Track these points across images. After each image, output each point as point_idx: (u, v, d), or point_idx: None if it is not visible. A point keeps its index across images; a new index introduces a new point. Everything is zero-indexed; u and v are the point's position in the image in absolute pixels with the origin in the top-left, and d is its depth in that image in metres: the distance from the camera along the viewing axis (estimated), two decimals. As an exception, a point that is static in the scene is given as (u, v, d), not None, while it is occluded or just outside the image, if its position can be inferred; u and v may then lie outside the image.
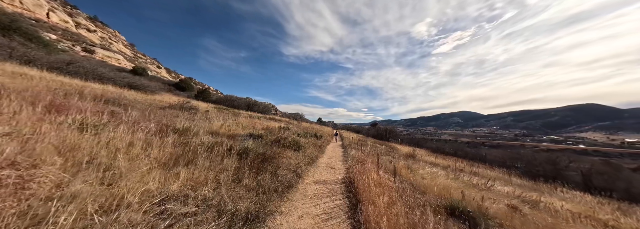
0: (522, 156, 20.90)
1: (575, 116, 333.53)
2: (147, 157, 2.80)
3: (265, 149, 5.14)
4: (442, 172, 9.04)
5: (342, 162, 8.05)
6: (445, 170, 10.19)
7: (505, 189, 8.15)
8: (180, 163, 3.08)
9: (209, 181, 2.85)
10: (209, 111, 12.64)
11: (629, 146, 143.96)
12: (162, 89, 21.56)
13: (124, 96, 8.95)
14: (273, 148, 5.84)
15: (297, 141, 8.06)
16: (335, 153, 10.53)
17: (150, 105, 9.18)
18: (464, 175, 9.30)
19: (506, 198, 6.00)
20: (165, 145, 3.32)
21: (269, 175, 3.92)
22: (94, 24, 40.60)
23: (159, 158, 2.99)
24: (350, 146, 13.73)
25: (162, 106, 9.20)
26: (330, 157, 9.12)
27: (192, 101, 19.70)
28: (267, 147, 5.57)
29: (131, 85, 16.20)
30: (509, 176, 14.61)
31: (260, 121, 15.73)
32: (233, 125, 9.49)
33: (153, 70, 44.91)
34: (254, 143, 5.55)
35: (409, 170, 7.75)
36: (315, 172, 5.90)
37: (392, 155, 13.72)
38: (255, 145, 5.22)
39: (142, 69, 32.74)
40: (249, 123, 11.88)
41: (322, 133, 18.57)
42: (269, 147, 5.75)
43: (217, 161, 3.55)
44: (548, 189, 11.45)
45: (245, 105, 30.94)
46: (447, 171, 10.14)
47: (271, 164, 4.45)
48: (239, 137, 6.48)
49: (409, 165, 9.07)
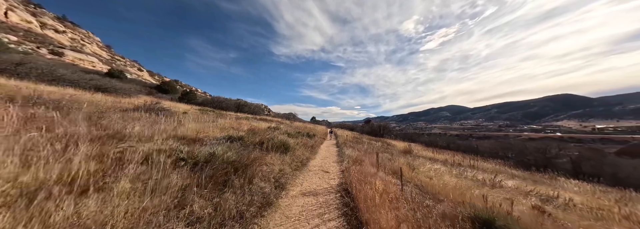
0: (512, 146, 20.97)
1: (552, 106, 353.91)
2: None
3: (239, 155, 4.04)
4: (444, 168, 8.29)
5: (337, 163, 7.08)
6: (445, 166, 9.49)
7: (510, 183, 7.53)
8: (90, 188, 1.95)
9: (120, 217, 1.74)
10: (187, 113, 11.24)
11: (599, 132, 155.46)
12: (140, 92, 19.64)
13: (76, 99, 7.47)
14: (252, 152, 4.74)
15: (285, 142, 6.99)
16: (330, 153, 9.55)
17: (111, 107, 7.76)
18: (465, 171, 8.62)
19: (522, 195, 5.28)
20: (68, 159, 2.17)
21: (236, 192, 2.85)
22: (63, 24, 37.11)
23: (46, 180, 1.84)
24: (345, 144, 12.81)
25: (125, 108, 7.79)
26: (323, 158, 8.12)
27: (172, 103, 18.01)
28: (244, 152, 4.46)
29: (99, 88, 14.44)
30: (504, 167, 14.30)
31: (248, 122, 14.50)
32: (212, 127, 8.26)
33: (133, 72, 41.92)
34: (228, 147, 4.44)
35: (410, 168, 6.90)
36: (304, 179, 4.86)
37: (389, 151, 12.94)
38: (228, 150, 4.10)
39: (119, 72, 30.37)
40: (233, 125, 10.65)
41: (315, 132, 17.54)
42: (247, 152, 4.64)
43: (157, 178, 2.44)
44: (548, 179, 11.11)
45: (234, 107, 29.32)
46: (447, 166, 9.45)
47: (244, 175, 3.37)
48: (213, 141, 5.32)
49: (409, 162, 8.25)
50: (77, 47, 35.40)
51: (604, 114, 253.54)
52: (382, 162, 7.25)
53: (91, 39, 40.56)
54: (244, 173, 3.43)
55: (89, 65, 32.56)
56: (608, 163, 17.04)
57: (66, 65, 25.63)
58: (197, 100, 27.39)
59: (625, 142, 73.14)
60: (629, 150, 22.56)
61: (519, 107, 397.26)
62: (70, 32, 37.40)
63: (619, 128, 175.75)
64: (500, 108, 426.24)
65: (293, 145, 7.60)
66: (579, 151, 18.90)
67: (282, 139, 7.14)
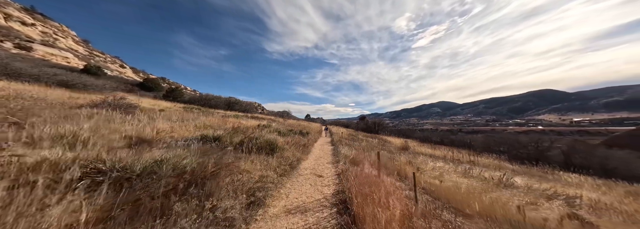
0: (505, 140, 20.91)
1: (534, 101, 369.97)
2: None
3: (202, 162, 2.98)
4: (447, 166, 7.56)
5: (332, 164, 6.15)
6: (447, 163, 8.80)
7: (519, 181, 6.91)
8: None
9: None
10: (164, 110, 9.91)
11: (576, 125, 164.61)
12: (116, 89, 17.81)
13: (17, 94, 6.08)
14: (224, 156, 3.68)
15: (272, 141, 5.96)
16: (324, 152, 8.61)
17: (64, 103, 6.42)
18: (471, 168, 7.94)
19: (544, 198, 4.58)
20: None
21: (178, 223, 1.82)
22: (32, 16, 33.63)
23: None
24: (341, 142, 11.92)
25: (80, 105, 6.46)
26: (317, 158, 7.17)
27: (154, 100, 16.39)
28: (212, 157, 3.39)
29: (65, 84, 12.78)
30: (501, 162, 13.96)
31: (236, 120, 13.31)
32: (189, 125, 7.08)
33: (114, 69, 39.02)
34: (191, 151, 3.37)
35: (414, 168, 6.08)
36: (292, 187, 3.88)
37: (386, 148, 12.19)
38: (187, 155, 3.03)
39: (96, 68, 27.98)
40: (216, 123, 9.47)
41: (309, 130, 16.55)
42: (218, 156, 3.58)
43: (42, 205, 1.38)
44: (548, 173, 10.73)
45: (225, 105, 27.76)
46: (449, 163, 8.77)
47: (199, 192, 2.34)
48: (180, 142, 4.22)
49: (410, 160, 7.46)
50: (49, 41, 32.28)
51: (580, 108, 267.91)
52: (383, 162, 6.40)
53: (66, 33, 37.06)
54: (202, 189, 2.40)
55: (62, 60, 29.76)
56: (598, 155, 17.18)
57: (34, 60, 23.15)
58: (183, 97, 25.61)
59: (598, 134, 77.18)
60: (612, 142, 23.16)
61: (505, 102, 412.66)
62: (41, 25, 34.01)
63: (593, 121, 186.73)
64: (487, 104, 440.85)
65: (282, 144, 6.59)
66: (567, 144, 19.02)
67: (269, 138, 6.10)
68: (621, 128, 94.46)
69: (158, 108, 10.57)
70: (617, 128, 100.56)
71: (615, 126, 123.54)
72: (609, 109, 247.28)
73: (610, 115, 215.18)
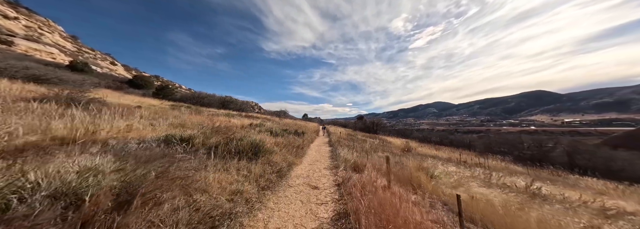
0: (508, 141, 20.16)
1: (527, 102, 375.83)
2: None
3: (136, 176, 1.91)
4: (460, 171, 6.61)
5: (331, 170, 5.13)
6: (458, 167, 7.87)
7: (543, 188, 6.01)
8: None
9: None
10: (141, 107, 8.73)
11: (567, 125, 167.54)
12: (98, 85, 16.42)
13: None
14: (173, 166, 2.61)
15: (258, 143, 4.91)
16: (321, 155, 7.58)
17: (8, 96, 5.26)
18: (483, 172, 7.02)
19: (599, 218, 3.66)
20: None
21: None
22: (15, 9, 31.73)
23: None
24: (339, 142, 10.89)
25: (28, 98, 5.30)
26: (313, 162, 6.14)
27: (139, 98, 15.06)
28: (150, 167, 2.31)
29: (37, 78, 11.50)
30: (508, 164, 13.16)
31: (227, 119, 12.20)
32: (161, 124, 5.98)
33: (105, 66, 37.29)
34: (130, 158, 2.31)
35: (426, 174, 5.10)
36: (275, 209, 2.82)
37: (388, 149, 11.23)
38: (109, 165, 1.96)
39: (83, 64, 26.47)
40: (202, 122, 8.36)
41: (305, 130, 15.50)
42: (167, 165, 2.51)
43: None
44: (563, 177, 9.93)
45: (219, 103, 26.50)
46: (460, 167, 7.84)
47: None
48: (130, 145, 3.15)
49: (420, 164, 6.48)
50: (33, 36, 30.50)
51: (571, 109, 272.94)
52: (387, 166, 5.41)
53: (52, 28, 35.13)
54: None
55: (47, 56, 28.07)
56: (601, 156, 16.57)
57: (16, 55, 21.60)
58: (174, 95, 24.26)
59: (588, 134, 78.02)
60: (612, 142, 22.73)
61: (498, 103, 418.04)
62: (25, 19, 32.13)
63: (583, 122, 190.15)
64: (482, 104, 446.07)
65: (270, 146, 5.53)
66: (568, 144, 18.39)
67: (255, 139, 5.03)
68: (611, 128, 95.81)
69: (138, 105, 9.37)
70: (606, 128, 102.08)
71: (604, 126, 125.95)
72: (598, 110, 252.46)
73: (599, 115, 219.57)
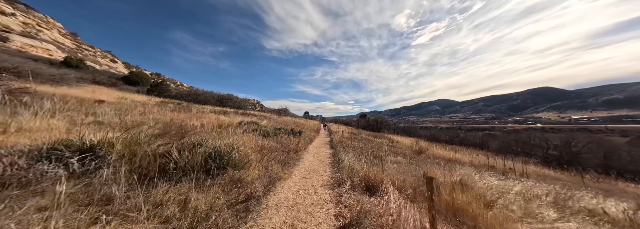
0: (529, 139, 17.90)
1: (533, 99, 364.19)
2: None
3: None
4: (510, 187, 4.81)
5: (331, 190, 3.44)
6: (496, 176, 6.05)
7: (612, 206, 4.20)
8: None
9: None
10: (103, 101, 7.18)
11: (575, 122, 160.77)
12: (83, 80, 15.06)
13: None
14: None
15: (225, 150, 3.25)
16: (319, 161, 5.90)
17: None
18: (553, 189, 5.20)
19: None
20: None
21: None
22: (12, 6, 30.68)
23: None
24: (342, 144, 9.16)
25: None
26: (306, 174, 4.46)
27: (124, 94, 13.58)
28: None
29: (5, 70, 10.18)
30: (539, 168, 11.22)
31: (217, 116, 10.66)
32: (80, 122, 4.40)
33: (104, 63, 36.29)
34: None
35: (474, 197, 3.33)
36: None
37: (398, 151, 9.45)
38: None
39: (78, 61, 25.46)
40: (178, 119, 6.79)
41: (304, 129, 13.81)
42: None
43: None
44: (608, 183, 8.01)
45: (216, 100, 25.13)
46: (499, 176, 6.03)
47: None
48: None
49: (454, 178, 4.71)
50: (31, 33, 29.49)
51: (579, 106, 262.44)
52: (415, 183, 3.68)
53: (51, 25, 34.11)
54: None
55: (43, 52, 27.04)
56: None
57: (10, 51, 20.55)
58: (169, 92, 22.90)
59: (599, 131, 73.36)
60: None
61: (503, 100, 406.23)
62: (23, 15, 31.10)
63: (592, 119, 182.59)
64: (486, 102, 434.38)
65: (248, 153, 3.85)
66: (595, 143, 16.11)
67: (222, 144, 3.35)
68: (622, 125, 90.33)
69: (100, 100, 7.80)
70: (617, 125, 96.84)
71: (614, 123, 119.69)
72: (608, 107, 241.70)
73: (609, 112, 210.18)
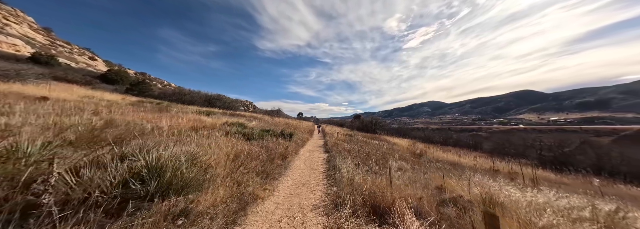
0: (521, 140, 17.83)
1: (515, 101, 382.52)
2: None
3: None
4: (534, 199, 3.99)
5: (325, 217, 2.45)
6: (513, 184, 5.28)
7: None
8: None
9: None
10: (47, 98, 5.82)
11: (553, 123, 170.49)
12: (44, 76, 13.19)
13: None
14: None
15: (169, 164, 2.18)
16: (312, 169, 4.88)
17: None
18: (566, 197, 4.43)
19: None
20: None
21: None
22: (-27, -4, 27.65)
23: None
24: (337, 147, 8.18)
25: None
26: (293, 190, 3.42)
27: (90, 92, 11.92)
28: None
29: None
30: (540, 170, 10.77)
31: (198, 117, 9.38)
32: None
33: (82, 61, 33.49)
34: None
35: (514, 224, 2.43)
36: None
37: (400, 155, 8.60)
38: None
39: (49, 57, 23.18)
40: (146, 119, 5.56)
41: (296, 130, 12.72)
42: None
43: None
44: (610, 186, 7.53)
45: (203, 101, 23.49)
46: (515, 184, 5.26)
47: None
48: None
49: (490, 193, 3.84)
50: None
51: (556, 108, 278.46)
52: (430, 198, 2.74)
53: (20, 19, 31.03)
54: None
55: (9, 48, 24.33)
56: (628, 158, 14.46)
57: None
58: (151, 92, 21.10)
59: (574, 132, 77.89)
60: (624, 140, 20.84)
61: (489, 102, 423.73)
62: (-14, 7, 28.11)
63: (567, 120, 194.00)
64: (473, 103, 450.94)
65: (207, 167, 2.77)
66: (600, 146, 16.16)
67: (164, 156, 2.27)
68: (594, 126, 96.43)
69: (43, 96, 6.38)
70: (590, 126, 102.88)
71: (587, 124, 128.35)
72: (581, 109, 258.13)
73: (582, 114, 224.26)
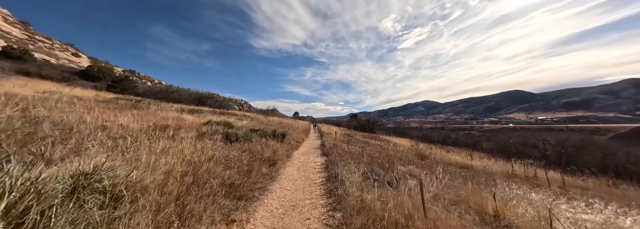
0: (527, 139, 17.21)
1: (505, 101, 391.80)
2: None
3: None
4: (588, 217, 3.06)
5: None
6: (535, 193, 4.37)
7: None
8: None
9: None
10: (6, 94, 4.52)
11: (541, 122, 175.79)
12: (4, 71, 11.60)
13: None
14: None
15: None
16: (306, 181, 3.80)
17: None
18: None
19: None
20: None
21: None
22: (-62, -15, 25.06)
23: None
24: (337, 148, 7.11)
25: None
26: (279, 219, 2.34)
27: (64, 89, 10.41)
28: None
29: None
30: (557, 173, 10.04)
31: (178, 116, 8.13)
32: None
33: (63, 57, 31.21)
34: None
35: None
36: None
37: (405, 157, 7.63)
38: None
39: (22, 52, 21.24)
40: (101, 118, 4.34)
41: (291, 130, 11.57)
42: None
43: None
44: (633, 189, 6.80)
45: (193, 99, 22.01)
46: (536, 192, 4.35)
47: None
48: None
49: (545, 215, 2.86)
50: (-38, 19, 24.22)
51: (544, 107, 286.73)
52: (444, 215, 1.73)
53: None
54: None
55: (-24, 42, 22.15)
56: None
57: None
58: (135, 89, 19.50)
59: (561, 130, 79.93)
60: (620, 139, 20.72)
61: (480, 102, 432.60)
62: (-47, -3, 25.57)
63: (555, 119, 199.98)
64: (466, 103, 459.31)
65: (118, 196, 1.71)
66: (593, 144, 15.78)
67: None
68: (579, 125, 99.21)
69: (30, 94, 5.05)
70: (576, 125, 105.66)
71: (573, 123, 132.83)
72: (567, 108, 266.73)
73: (568, 113, 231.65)
